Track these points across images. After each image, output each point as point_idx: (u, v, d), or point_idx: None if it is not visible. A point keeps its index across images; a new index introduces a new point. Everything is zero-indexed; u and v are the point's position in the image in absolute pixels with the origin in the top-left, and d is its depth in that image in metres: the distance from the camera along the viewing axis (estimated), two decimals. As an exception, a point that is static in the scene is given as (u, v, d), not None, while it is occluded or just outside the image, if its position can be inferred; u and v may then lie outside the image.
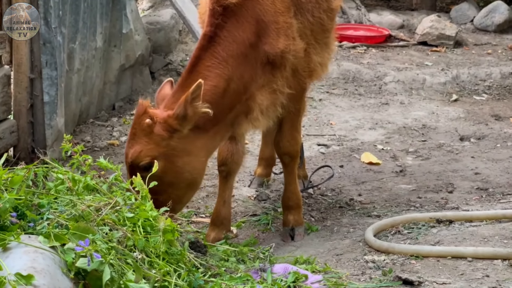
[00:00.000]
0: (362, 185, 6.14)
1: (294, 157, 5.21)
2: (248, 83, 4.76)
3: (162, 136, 4.51)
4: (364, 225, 5.27)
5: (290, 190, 5.26)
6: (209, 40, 4.67)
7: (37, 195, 3.60)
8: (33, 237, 3.24)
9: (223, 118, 4.72)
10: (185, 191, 4.68)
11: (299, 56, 4.90)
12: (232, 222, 5.46)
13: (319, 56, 5.13)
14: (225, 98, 4.68)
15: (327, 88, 8.31)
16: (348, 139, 7.10)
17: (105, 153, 6.75)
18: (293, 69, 4.91)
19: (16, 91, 6.48)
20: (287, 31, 4.82)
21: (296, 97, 5.00)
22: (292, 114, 5.07)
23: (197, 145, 4.63)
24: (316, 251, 4.94)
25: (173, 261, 3.83)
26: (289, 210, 5.26)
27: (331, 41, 5.30)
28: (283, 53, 4.79)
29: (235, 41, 4.68)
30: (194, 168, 4.65)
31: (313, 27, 5.04)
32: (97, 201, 3.86)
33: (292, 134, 5.13)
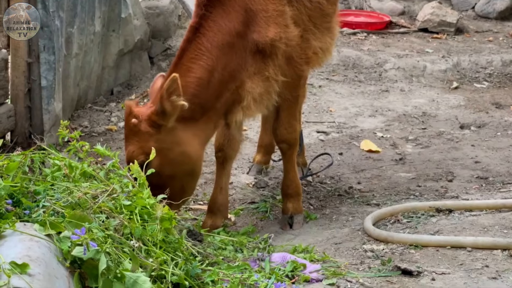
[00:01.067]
0: (362, 173, 6.10)
1: (292, 145, 5.17)
2: (236, 72, 4.75)
3: (149, 132, 4.53)
4: (363, 214, 5.23)
5: (289, 177, 5.22)
6: (194, 32, 4.68)
7: (33, 181, 3.55)
8: (29, 225, 3.20)
9: (211, 107, 4.72)
10: (186, 181, 4.69)
11: (292, 44, 4.86)
12: (230, 210, 5.42)
13: (320, 41, 5.09)
14: (210, 88, 4.69)
15: (326, 74, 8.25)
16: (348, 126, 7.05)
17: (103, 138, 6.71)
18: (287, 56, 4.87)
19: (14, 76, 6.43)
20: (277, 19, 4.78)
21: (292, 84, 4.96)
22: (289, 101, 5.03)
23: (188, 135, 4.64)
24: (315, 239, 4.90)
25: (170, 249, 3.80)
26: (288, 198, 5.22)
27: (333, 26, 5.26)
28: (272, 41, 4.77)
29: (220, 31, 4.68)
30: (190, 158, 4.66)
31: (311, 13, 5.00)
32: (94, 188, 3.83)
33: (290, 121, 5.09)
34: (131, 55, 7.86)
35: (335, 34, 5.32)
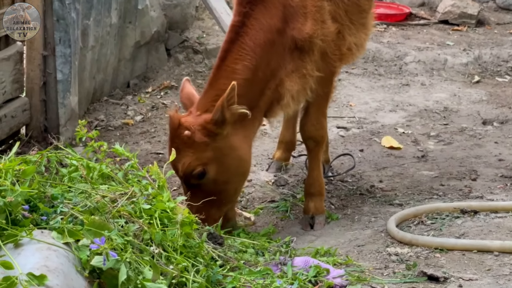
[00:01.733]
0: (383, 171, 5.96)
1: (319, 142, 5.07)
2: (276, 70, 4.69)
3: (205, 142, 4.47)
4: (385, 214, 5.11)
5: (313, 176, 5.12)
6: (237, 32, 4.58)
7: (50, 184, 3.44)
8: (46, 232, 3.09)
9: (256, 106, 4.67)
10: (239, 183, 4.73)
11: (328, 40, 4.79)
12: (250, 209, 5.31)
13: (355, 36, 5.01)
14: (254, 88, 4.63)
15: (346, 67, 8.10)
16: (368, 122, 6.92)
17: (119, 132, 6.60)
18: (322, 52, 4.79)
19: (29, 69, 6.32)
20: (316, 15, 4.70)
21: (325, 80, 4.90)
22: (320, 97, 4.96)
23: (239, 138, 4.60)
24: (337, 241, 4.78)
25: (191, 254, 3.69)
26: (310, 197, 5.12)
27: (368, 21, 5.18)
28: (311, 38, 4.69)
29: (262, 29, 4.58)
30: (243, 160, 4.66)
31: (348, 8, 4.92)
32: (112, 191, 3.72)
33: (318, 118, 5.01)
34: (148, 47, 7.74)
35: (369, 29, 5.25)
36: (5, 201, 3.02)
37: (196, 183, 4.38)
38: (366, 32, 5.17)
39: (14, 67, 6.08)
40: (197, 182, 4.35)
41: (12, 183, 3.12)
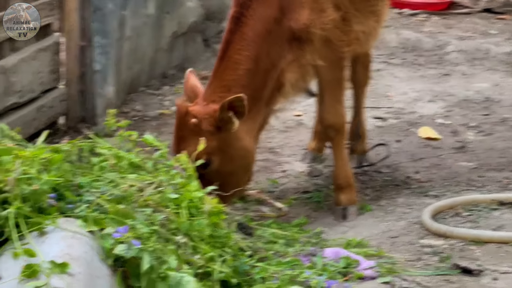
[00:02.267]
0: (420, 162, 5.87)
1: (340, 131, 5.00)
2: (276, 60, 4.72)
3: (211, 131, 4.49)
4: (420, 206, 5.02)
5: (339, 167, 5.06)
6: (237, 22, 4.63)
7: (77, 173, 3.45)
8: (71, 220, 3.10)
9: (259, 97, 4.70)
10: (243, 175, 4.72)
11: (328, 28, 4.75)
12: (283, 199, 5.28)
13: (362, 25, 4.95)
14: (257, 78, 4.67)
15: (385, 57, 8.02)
16: (406, 112, 6.82)
17: (156, 123, 6.61)
18: (325, 40, 4.77)
19: (67, 59, 6.37)
20: (312, 5, 4.69)
21: (334, 66, 4.87)
22: (331, 84, 4.93)
23: (244, 129, 4.61)
24: (370, 232, 4.72)
25: (218, 244, 3.67)
26: (340, 189, 5.06)
27: (378, 9, 5.09)
28: (308, 28, 4.69)
29: (260, 19, 4.63)
30: (248, 151, 4.67)
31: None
32: (140, 181, 3.71)
33: (334, 105, 4.95)
34: (185, 37, 7.74)
35: (381, 17, 5.17)
36: (30, 189, 3.02)
37: (199, 172, 4.27)
38: (377, 20, 5.10)
39: (51, 58, 6.14)
40: (200, 172, 4.25)
41: (38, 171, 3.13)
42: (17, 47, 5.76)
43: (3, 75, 5.54)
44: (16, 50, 5.75)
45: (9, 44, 5.65)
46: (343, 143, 5.07)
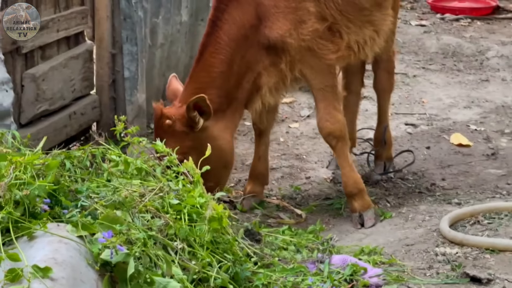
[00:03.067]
0: (448, 169, 5.80)
1: (340, 138, 4.95)
2: (252, 63, 4.80)
3: (184, 131, 4.62)
4: (441, 213, 4.96)
5: (345, 174, 5.01)
6: (212, 26, 4.75)
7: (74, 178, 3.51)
8: (62, 225, 3.15)
9: (234, 98, 4.81)
10: (221, 174, 4.77)
11: (308, 39, 4.76)
12: (304, 206, 5.27)
13: (356, 34, 4.96)
14: (231, 80, 4.77)
15: (423, 63, 7.93)
16: (439, 119, 6.74)
17: (187, 129, 6.64)
18: (307, 49, 4.78)
19: (98, 67, 6.46)
20: (288, 16, 4.73)
21: (321, 74, 4.86)
22: (324, 91, 4.89)
23: (219, 128, 4.74)
24: (386, 240, 4.68)
25: (219, 251, 3.68)
26: (351, 196, 5.03)
27: (375, 19, 5.07)
28: (282, 37, 4.74)
29: (235, 23, 4.72)
30: (224, 150, 4.74)
31: (343, 8, 4.87)
32: (144, 186, 3.75)
33: (330, 112, 4.91)
34: (221, 44, 7.76)
35: (381, 27, 5.11)
36: (21, 194, 3.08)
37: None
38: (376, 29, 5.07)
39: (83, 65, 6.22)
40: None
41: (32, 177, 3.18)
42: (48, 55, 5.88)
43: (34, 83, 5.63)
44: (47, 58, 5.87)
45: (40, 52, 5.77)
46: (346, 149, 5.01)
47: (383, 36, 5.18)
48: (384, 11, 5.10)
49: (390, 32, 5.42)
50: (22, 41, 5.39)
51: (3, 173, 3.17)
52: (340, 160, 5.02)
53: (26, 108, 5.57)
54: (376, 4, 5.02)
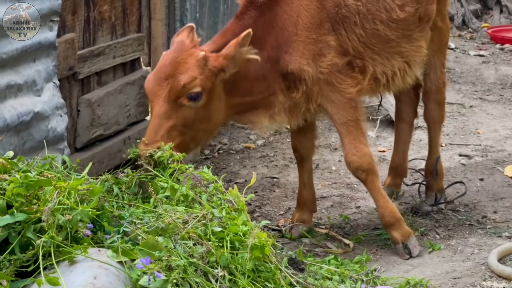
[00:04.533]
0: (500, 202, 5.71)
1: (369, 171, 4.87)
2: (270, 80, 4.77)
3: (212, 71, 4.55)
4: (491, 247, 4.89)
5: (380, 206, 4.95)
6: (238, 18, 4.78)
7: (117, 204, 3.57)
8: (103, 251, 3.20)
9: (241, 95, 4.77)
10: (202, 135, 4.78)
11: (330, 71, 4.74)
12: (352, 235, 5.25)
13: (383, 66, 4.92)
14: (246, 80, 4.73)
15: (480, 94, 7.85)
16: (494, 150, 6.65)
17: (240, 156, 6.70)
18: (326, 82, 4.76)
19: (153, 93, 6.55)
20: (309, 46, 4.72)
21: (343, 108, 4.81)
22: (347, 125, 4.83)
23: (222, 99, 4.69)
24: (433, 272, 4.63)
25: (260, 279, 3.69)
26: (390, 227, 4.98)
27: (404, 50, 5.02)
28: (301, 66, 4.72)
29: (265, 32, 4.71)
30: (219, 116, 4.74)
31: (367, 40, 4.84)
32: (188, 213, 3.79)
33: (356, 146, 4.84)
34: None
35: (412, 58, 5.07)
36: (64, 219, 3.15)
37: (179, 102, 4.49)
38: (407, 60, 5.04)
39: (138, 91, 6.32)
40: (184, 102, 4.49)
41: (75, 202, 3.25)
42: (104, 81, 5.99)
43: (90, 108, 5.75)
44: (103, 84, 5.98)
45: (96, 78, 5.89)
46: (377, 182, 4.93)
47: (416, 67, 5.14)
48: (415, 43, 5.06)
49: (439, 63, 5.40)
50: (78, 67, 5.55)
51: (48, 198, 3.24)
52: (372, 192, 4.96)
53: (82, 133, 5.69)
54: (404, 36, 4.98)
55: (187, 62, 4.53)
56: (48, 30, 4.88)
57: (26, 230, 3.15)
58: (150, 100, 4.64)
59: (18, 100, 4.71)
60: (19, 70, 4.72)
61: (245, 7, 4.77)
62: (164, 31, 6.39)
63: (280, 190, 6.00)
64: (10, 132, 4.59)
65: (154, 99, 4.57)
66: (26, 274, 3.09)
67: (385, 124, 7.13)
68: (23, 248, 3.15)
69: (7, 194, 3.24)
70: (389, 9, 4.90)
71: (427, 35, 5.16)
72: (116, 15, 6.00)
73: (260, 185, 6.04)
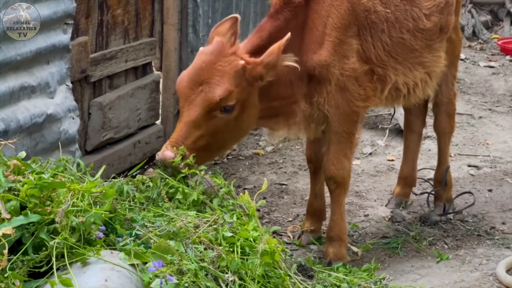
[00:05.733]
0: (509, 213, 5.72)
1: (340, 184, 4.84)
2: (294, 83, 4.65)
3: (249, 82, 4.41)
4: (499, 257, 4.91)
5: (333, 220, 4.94)
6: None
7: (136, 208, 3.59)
8: (115, 253, 3.22)
9: (268, 101, 4.61)
10: (230, 143, 4.72)
11: (349, 75, 4.69)
12: (361, 244, 5.26)
13: (405, 76, 4.91)
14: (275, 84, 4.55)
15: (490, 105, 7.86)
16: (503, 161, 6.66)
17: (249, 162, 6.72)
18: (341, 87, 4.69)
19: (164, 97, 6.59)
20: (336, 47, 4.65)
21: (344, 118, 4.75)
22: (340, 136, 4.77)
23: (256, 106, 4.56)
24: (441, 282, 4.64)
25: (270, 285, 3.70)
26: (330, 241, 4.95)
27: (427, 61, 5.03)
28: (328, 65, 4.63)
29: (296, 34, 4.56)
30: (250, 123, 4.64)
31: (392, 48, 4.83)
32: (199, 218, 3.81)
33: (338, 158, 4.80)
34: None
35: (433, 68, 5.08)
36: (77, 221, 3.17)
37: (213, 114, 4.33)
38: (429, 72, 5.04)
39: (149, 96, 6.35)
40: (217, 114, 4.32)
41: (88, 204, 3.27)
42: (116, 84, 6.02)
43: (101, 111, 5.78)
44: (114, 88, 6.01)
45: (108, 82, 5.92)
46: (342, 197, 4.91)
47: (436, 78, 5.16)
48: (435, 53, 5.08)
49: (451, 75, 5.41)
50: (91, 70, 5.58)
51: (61, 200, 3.26)
52: (334, 205, 4.93)
53: (92, 136, 5.71)
54: (427, 46, 4.99)
55: (225, 72, 4.34)
56: (62, 33, 4.91)
57: (39, 231, 3.17)
58: (181, 102, 4.47)
59: (31, 101, 4.75)
60: (32, 72, 4.76)
61: (281, 7, 4.64)
62: (176, 36, 6.42)
63: (289, 196, 6.01)
64: (23, 133, 4.62)
65: (185, 104, 4.40)
66: (39, 275, 3.10)
67: (394, 133, 7.13)
68: (36, 249, 3.17)
69: (21, 195, 3.27)
70: (417, 18, 4.90)
71: (444, 46, 5.18)
72: (129, 19, 6.04)
73: (269, 192, 6.05)
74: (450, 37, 5.29)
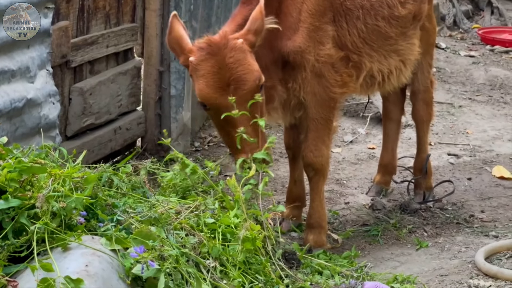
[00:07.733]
0: (487, 201, 5.76)
1: (318, 171, 4.83)
2: (270, 68, 4.59)
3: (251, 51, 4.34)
4: (478, 245, 4.93)
5: (313, 207, 4.94)
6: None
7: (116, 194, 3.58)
8: (96, 238, 3.21)
9: None
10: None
11: (325, 62, 4.67)
12: (341, 231, 5.28)
13: (380, 63, 4.92)
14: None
15: (470, 94, 7.90)
16: (483, 150, 6.70)
17: (230, 149, 6.70)
18: (317, 73, 4.67)
19: (146, 83, 6.57)
20: (311, 33, 4.62)
21: (321, 104, 4.73)
22: (317, 122, 4.76)
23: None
24: (420, 269, 4.67)
25: (251, 271, 3.72)
26: (310, 228, 4.96)
27: (401, 48, 5.06)
28: (303, 52, 4.59)
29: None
30: None
31: (367, 35, 4.83)
32: (181, 204, 3.82)
33: (317, 145, 4.79)
34: (268, 66, 7.81)
35: (407, 56, 5.10)
36: (58, 206, 3.15)
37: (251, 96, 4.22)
38: (403, 59, 5.07)
39: (131, 81, 6.32)
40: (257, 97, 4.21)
41: (70, 189, 3.26)
42: (97, 70, 5.99)
43: (81, 96, 5.74)
44: (95, 73, 5.98)
45: (89, 67, 5.89)
46: (321, 184, 4.91)
47: (410, 66, 5.18)
48: (409, 41, 5.10)
49: (426, 63, 5.43)
50: (71, 55, 5.54)
51: (42, 185, 3.25)
52: (312, 192, 4.93)
53: (73, 121, 5.68)
54: (401, 34, 5.01)
55: (239, 58, 4.25)
56: (43, 17, 4.87)
57: (19, 216, 3.16)
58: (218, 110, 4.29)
59: (11, 86, 4.72)
60: (13, 56, 4.72)
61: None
62: (158, 22, 6.38)
63: (270, 184, 6.01)
64: (2, 118, 4.59)
65: (224, 110, 4.25)
66: (20, 260, 3.09)
67: (375, 122, 7.16)
68: (16, 233, 3.16)
69: (1, 179, 3.25)
70: (392, 5, 4.92)
71: (418, 33, 5.21)
72: (111, 4, 6.00)
73: (250, 179, 6.04)
74: (424, 25, 5.31)
